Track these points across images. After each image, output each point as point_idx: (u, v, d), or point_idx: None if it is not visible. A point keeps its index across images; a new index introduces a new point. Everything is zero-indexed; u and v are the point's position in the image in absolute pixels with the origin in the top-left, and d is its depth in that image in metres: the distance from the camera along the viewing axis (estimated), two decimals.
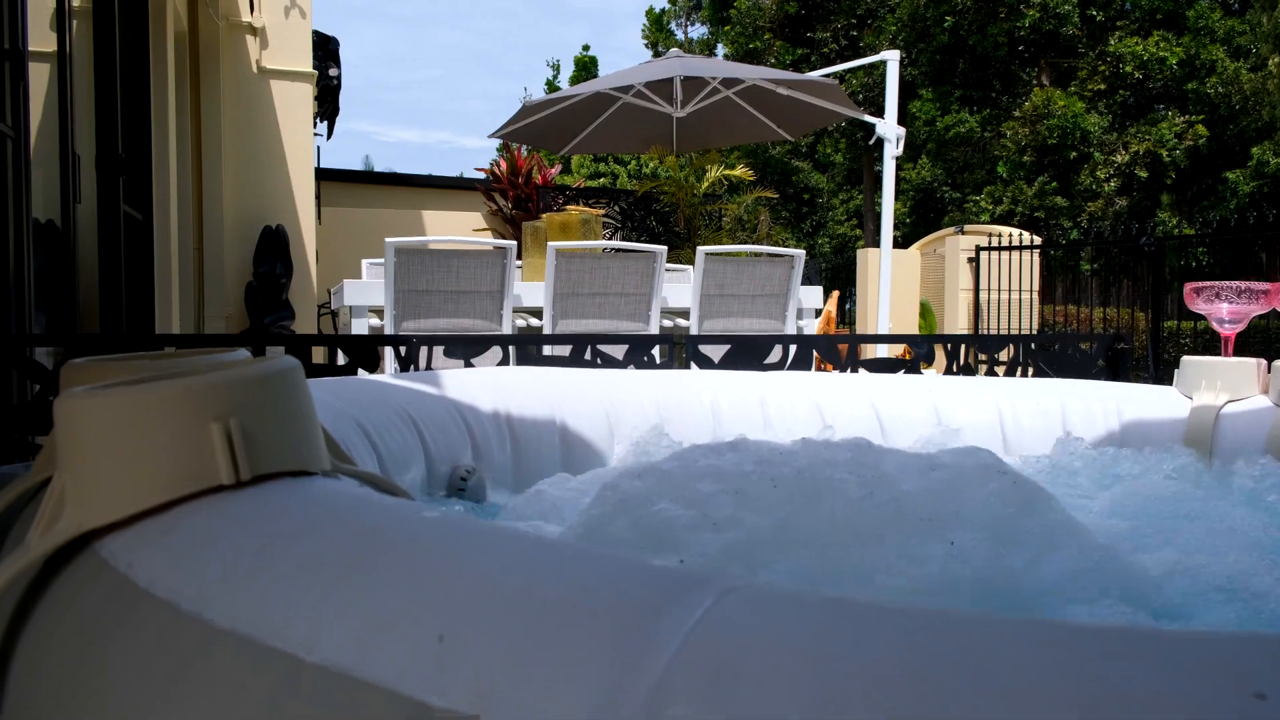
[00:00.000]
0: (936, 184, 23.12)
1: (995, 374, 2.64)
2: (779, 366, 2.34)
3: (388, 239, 4.17)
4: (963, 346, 2.57)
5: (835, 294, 8.36)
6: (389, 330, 4.31)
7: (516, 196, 10.22)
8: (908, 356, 7.66)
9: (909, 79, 22.72)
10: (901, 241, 26.56)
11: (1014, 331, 9.74)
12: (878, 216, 9.29)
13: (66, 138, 3.40)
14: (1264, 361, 1.89)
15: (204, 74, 5.70)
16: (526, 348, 2.13)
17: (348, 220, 9.99)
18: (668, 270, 6.37)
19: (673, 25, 38.35)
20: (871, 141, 9.13)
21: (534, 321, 4.75)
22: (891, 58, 9.05)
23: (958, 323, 9.73)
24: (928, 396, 2.10)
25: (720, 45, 32.65)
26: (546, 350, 2.32)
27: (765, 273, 4.84)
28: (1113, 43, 21.02)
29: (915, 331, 10.13)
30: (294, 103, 5.98)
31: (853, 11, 24.04)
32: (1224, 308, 1.88)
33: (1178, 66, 21.17)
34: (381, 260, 5.57)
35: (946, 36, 20.86)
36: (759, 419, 2.03)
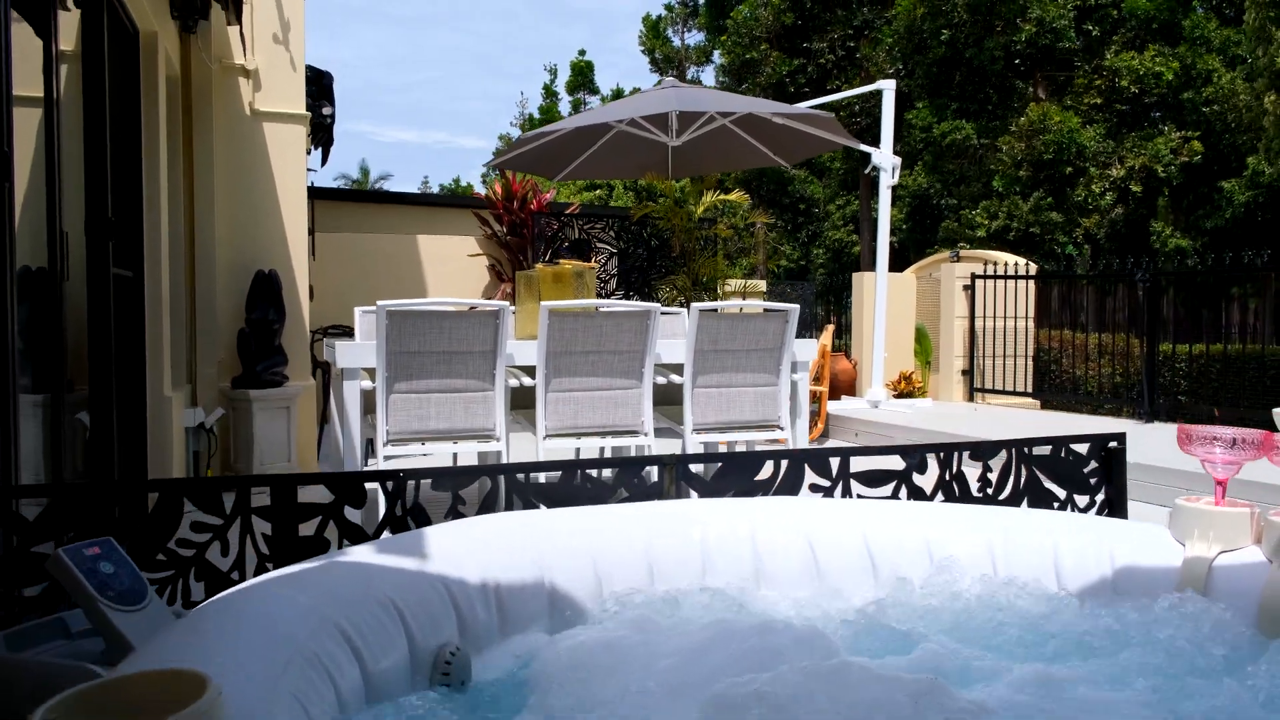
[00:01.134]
0: (934, 192, 23.11)
1: (989, 479, 2.62)
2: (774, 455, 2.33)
3: (380, 302, 4.15)
4: (955, 454, 2.55)
5: (830, 327, 8.36)
6: (380, 391, 4.29)
7: (511, 221, 10.19)
8: (903, 387, 7.62)
9: (905, 90, 22.71)
10: (897, 247, 26.62)
11: (1009, 354, 9.74)
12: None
13: (55, 215, 3.37)
14: (1257, 510, 1.88)
15: (197, 118, 5.66)
16: (514, 476, 2.11)
17: (343, 247, 9.96)
18: (663, 314, 6.35)
19: (669, 32, 38.32)
20: (868, 170, 9.12)
21: (526, 380, 4.73)
22: (888, 87, 9.05)
23: (953, 349, 9.72)
24: (919, 529, 2.09)
25: (717, 53, 32.66)
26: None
27: (759, 328, 4.82)
28: (1109, 56, 21.03)
29: (911, 356, 10.12)
30: (287, 144, 5.95)
31: (849, 23, 24.02)
32: (1217, 452, 1.86)
33: (1174, 79, 21.19)
34: (373, 308, 5.56)
35: (943, 49, 20.86)
36: (749, 558, 2.01)
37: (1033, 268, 9.55)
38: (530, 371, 4.75)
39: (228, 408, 5.63)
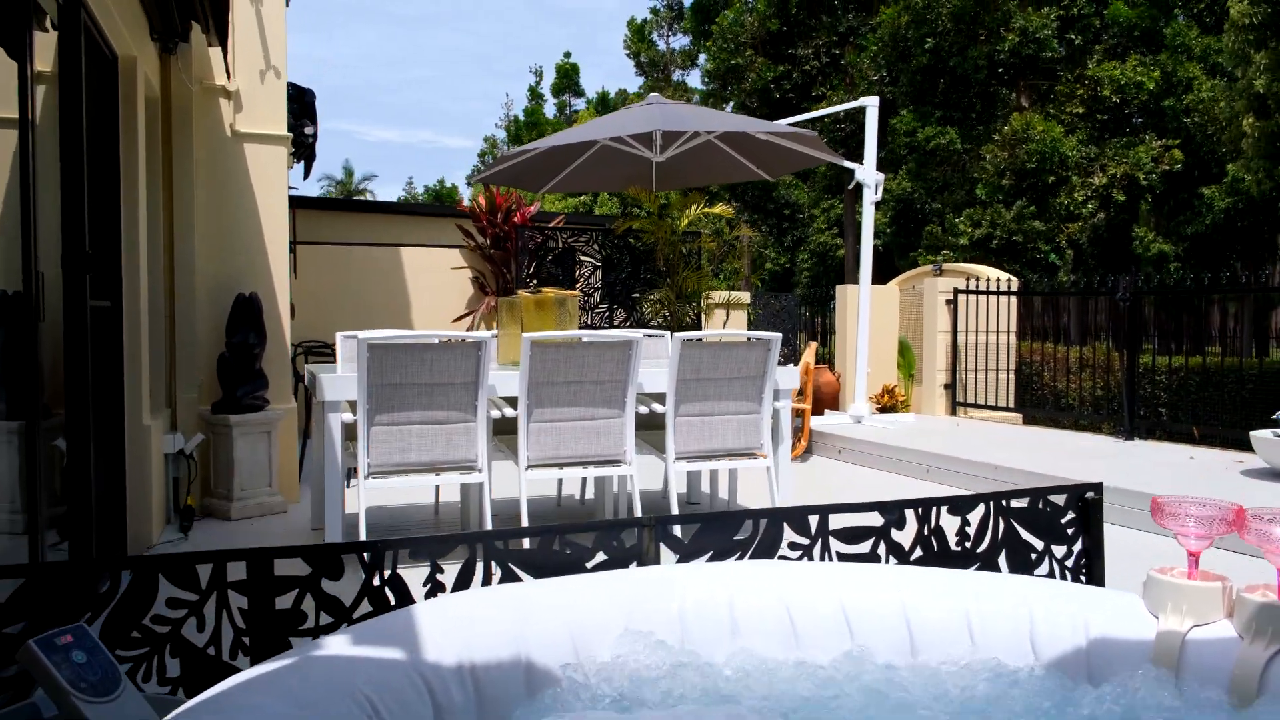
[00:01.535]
0: (918, 197, 23.21)
1: (966, 534, 2.63)
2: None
3: (361, 335, 4.14)
4: (934, 509, 2.56)
5: (813, 345, 8.38)
6: (361, 423, 4.28)
7: (495, 234, 10.18)
8: (886, 401, 7.64)
9: (890, 97, 22.80)
10: (882, 250, 26.72)
11: (991, 368, 9.79)
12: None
13: (30, 252, 3.34)
14: (1229, 584, 1.90)
15: (177, 139, 5.62)
16: (493, 543, 2.11)
17: (325, 259, 9.92)
18: (646, 336, 6.36)
19: (654, 36, 38.34)
20: (851, 186, 9.15)
21: (509, 411, 4.72)
22: (871, 103, 9.08)
23: (935, 363, 9.77)
24: (896, 595, 2.09)
25: (703, 57, 32.68)
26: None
27: (742, 356, 4.83)
28: (1091, 66, 21.17)
29: (894, 369, 10.16)
30: (268, 165, 5.91)
31: (834, 30, 24.10)
32: (1190, 526, 1.88)
33: (1155, 87, 21.35)
34: (355, 334, 5.54)
35: (927, 57, 20.96)
36: (727, 626, 2.02)
37: (1014, 283, 9.61)
38: (512, 402, 4.74)
39: (208, 433, 5.60)
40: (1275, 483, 5.57)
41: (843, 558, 2.49)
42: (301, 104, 6.98)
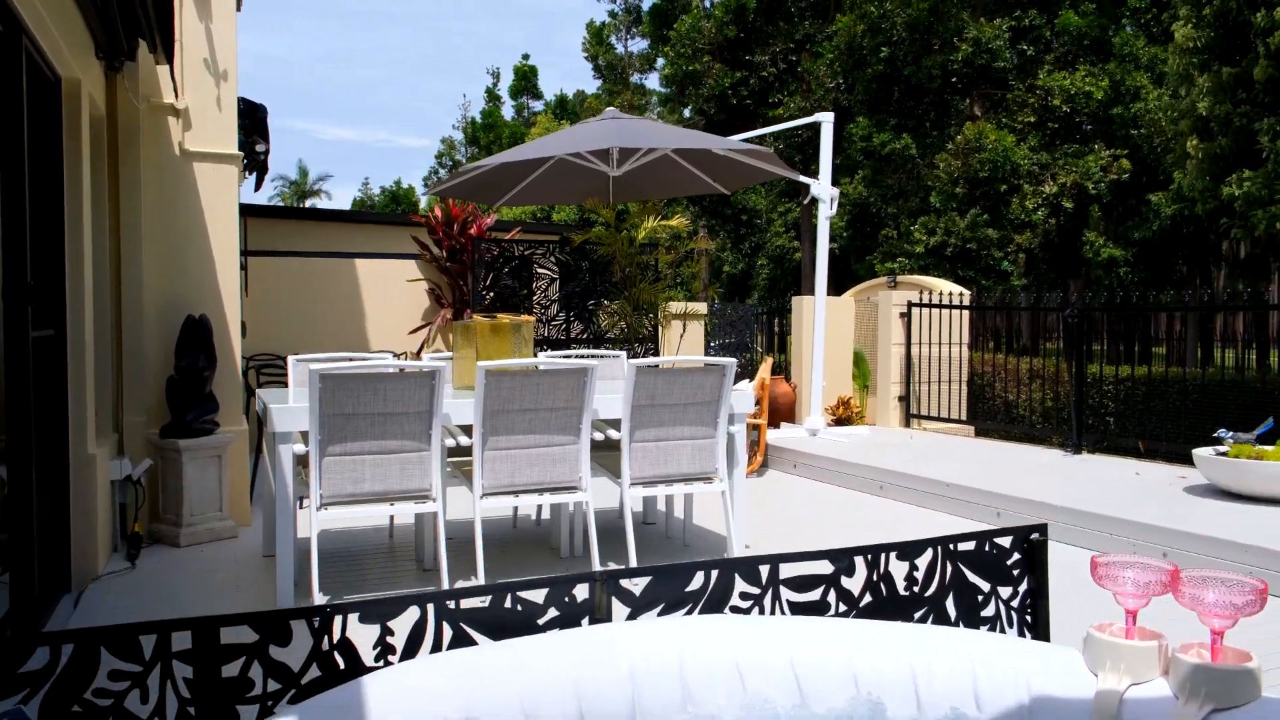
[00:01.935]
0: (874, 200, 23.44)
1: (915, 578, 2.67)
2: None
3: (311, 367, 4.09)
4: (883, 555, 2.60)
5: (768, 360, 8.42)
6: (313, 454, 4.23)
7: (451, 246, 10.12)
8: (842, 413, 7.72)
9: (846, 104, 23.01)
10: (838, 254, 26.95)
11: (944, 380, 9.92)
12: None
13: None
14: (1165, 642, 1.94)
15: (123, 159, 5.51)
16: (444, 603, 2.10)
17: (278, 270, 9.80)
18: (600, 356, 6.36)
19: (613, 39, 38.35)
20: (806, 200, 9.23)
21: (464, 440, 4.69)
22: (826, 119, 9.16)
23: (890, 375, 9.88)
24: (845, 652, 2.12)
25: (661, 60, 32.74)
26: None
27: (697, 382, 4.85)
28: (1042, 76, 21.53)
29: (849, 381, 10.26)
30: (218, 185, 5.82)
31: (791, 36, 24.28)
32: (1127, 586, 1.92)
33: (1103, 97, 21.77)
34: (309, 357, 5.48)
35: (882, 66, 21.19)
36: (678, 686, 2.03)
37: (967, 296, 9.74)
38: (467, 430, 4.72)
39: (156, 457, 5.51)
40: (1216, 500, 5.71)
41: (794, 605, 2.51)
42: (253, 119, 6.88)
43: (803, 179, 9.06)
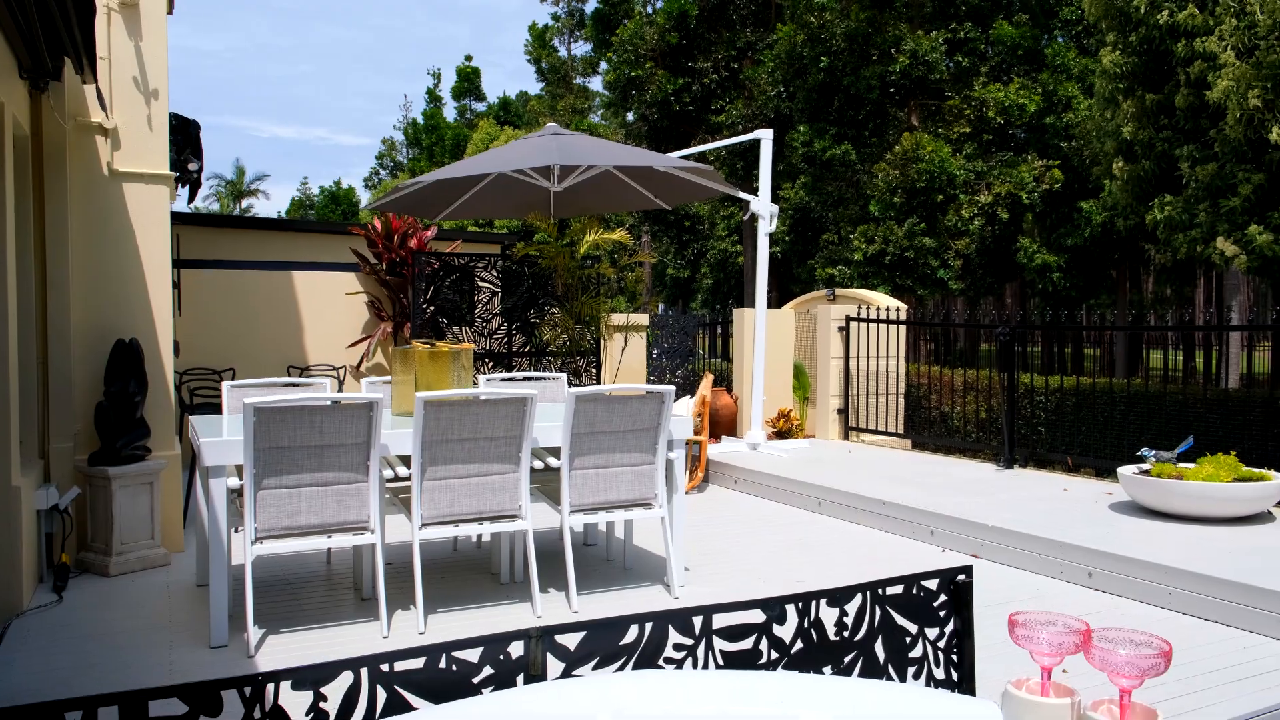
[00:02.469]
0: (814, 205, 23.74)
1: (845, 623, 2.73)
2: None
3: (246, 400, 4.03)
4: (814, 602, 2.65)
5: (709, 376, 8.49)
6: (248, 487, 4.17)
7: (391, 259, 10.03)
8: (782, 425, 7.81)
9: (787, 112, 23.25)
10: (780, 257, 27.25)
11: (881, 392, 10.09)
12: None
13: None
14: (1078, 698, 2.02)
15: (49, 180, 5.38)
16: (378, 667, 2.10)
17: (212, 280, 9.62)
18: (532, 379, 6.36)
19: (556, 42, 38.26)
20: (746, 217, 9.31)
21: (402, 471, 4.67)
22: (765, 136, 9.26)
23: (829, 388, 10.02)
24: (777, 709, 2.16)
25: (604, 64, 32.75)
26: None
27: (636, 409, 4.88)
28: (977, 87, 21.98)
29: (790, 393, 10.38)
30: (149, 206, 5.70)
31: (733, 44, 24.47)
32: (1043, 645, 1.99)
33: (1036, 109, 22.29)
34: (243, 383, 5.40)
35: (822, 75, 21.45)
36: None
37: (904, 310, 9.92)
38: (407, 460, 4.69)
39: (84, 485, 5.38)
40: (1140, 518, 5.90)
41: (726, 655, 2.55)
42: (185, 135, 6.76)
43: (743, 196, 9.15)
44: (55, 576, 5.04)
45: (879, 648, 2.77)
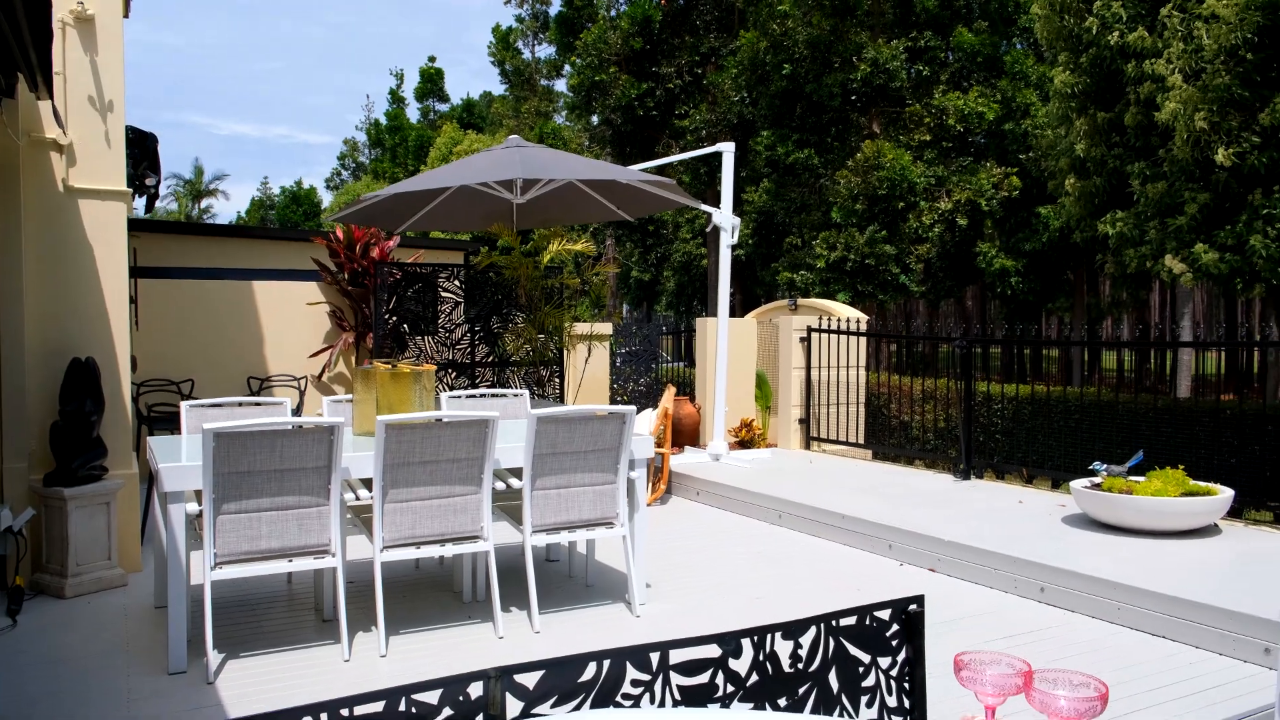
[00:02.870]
0: (778, 211, 23.90)
1: (799, 655, 2.78)
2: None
3: (205, 425, 4.01)
4: (769, 636, 2.69)
5: (671, 389, 8.54)
6: (207, 512, 4.15)
7: (353, 270, 9.98)
8: (745, 435, 7.87)
9: (750, 118, 23.38)
10: (745, 260, 27.40)
11: (843, 402, 10.20)
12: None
13: None
14: None
15: (2, 197, 5.31)
16: (337, 711, 2.12)
17: (171, 289, 9.51)
18: (495, 395, 6.38)
19: (520, 44, 38.16)
20: (709, 228, 9.39)
21: (364, 494, 4.67)
22: (727, 149, 9.33)
23: (791, 398, 10.11)
24: None
25: (568, 67, 32.73)
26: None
27: (597, 429, 4.92)
28: (937, 95, 22.26)
29: (752, 403, 10.46)
30: (106, 223, 5.63)
31: (696, 49, 24.57)
32: (987, 686, 2.06)
33: (994, 117, 22.61)
34: (202, 403, 5.37)
35: (785, 82, 21.61)
36: None
37: (864, 321, 10.04)
38: (368, 484, 4.69)
39: (39, 506, 5.32)
40: (1091, 531, 6.03)
41: (683, 689, 2.59)
42: (143, 148, 6.69)
43: (705, 208, 9.22)
44: (9, 599, 4.98)
45: (833, 678, 2.83)
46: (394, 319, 9.23)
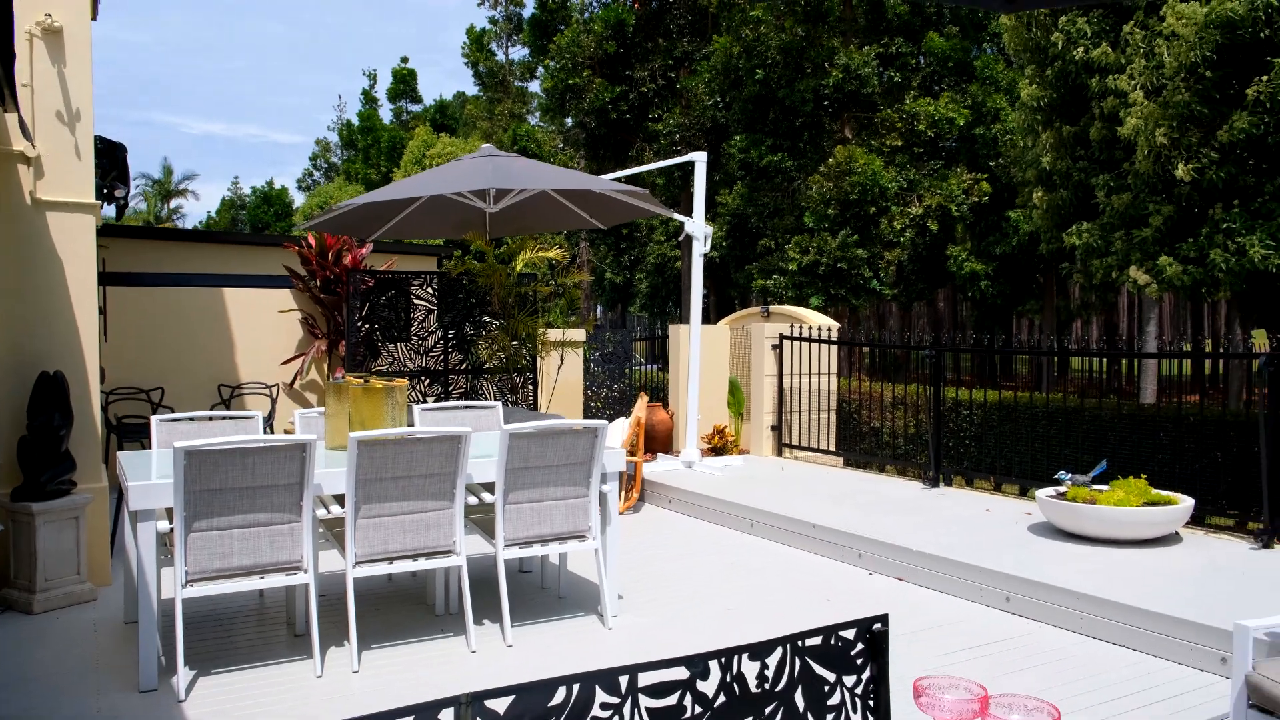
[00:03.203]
0: (752, 214, 24.02)
1: (765, 675, 2.83)
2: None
3: (176, 443, 4.01)
4: (735, 657, 2.74)
5: (644, 397, 8.59)
6: (178, 529, 4.15)
7: (325, 277, 9.95)
8: (717, 442, 7.93)
9: (723, 122, 23.49)
10: (718, 262, 27.52)
11: (814, 409, 10.29)
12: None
13: None
14: None
15: None
16: None
17: (138, 298, 9.44)
18: (468, 407, 6.39)
19: (494, 46, 38.08)
20: (681, 238, 9.44)
21: (336, 510, 4.67)
22: (699, 159, 9.40)
23: (763, 405, 10.19)
24: None
25: (542, 70, 32.70)
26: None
27: (569, 444, 4.95)
28: (908, 101, 22.46)
29: (725, 409, 10.53)
30: (75, 236, 5.60)
31: (670, 53, 24.65)
32: (946, 714, 2.12)
33: (964, 123, 22.84)
34: (172, 417, 5.35)
35: (757, 87, 21.72)
36: None
37: (835, 329, 10.13)
38: (340, 499, 4.70)
39: (7, 521, 5.28)
40: (1056, 540, 6.14)
41: (651, 712, 2.64)
42: (112, 158, 6.65)
43: (677, 217, 9.28)
44: None
45: (799, 697, 2.89)
46: (367, 326, 9.22)
